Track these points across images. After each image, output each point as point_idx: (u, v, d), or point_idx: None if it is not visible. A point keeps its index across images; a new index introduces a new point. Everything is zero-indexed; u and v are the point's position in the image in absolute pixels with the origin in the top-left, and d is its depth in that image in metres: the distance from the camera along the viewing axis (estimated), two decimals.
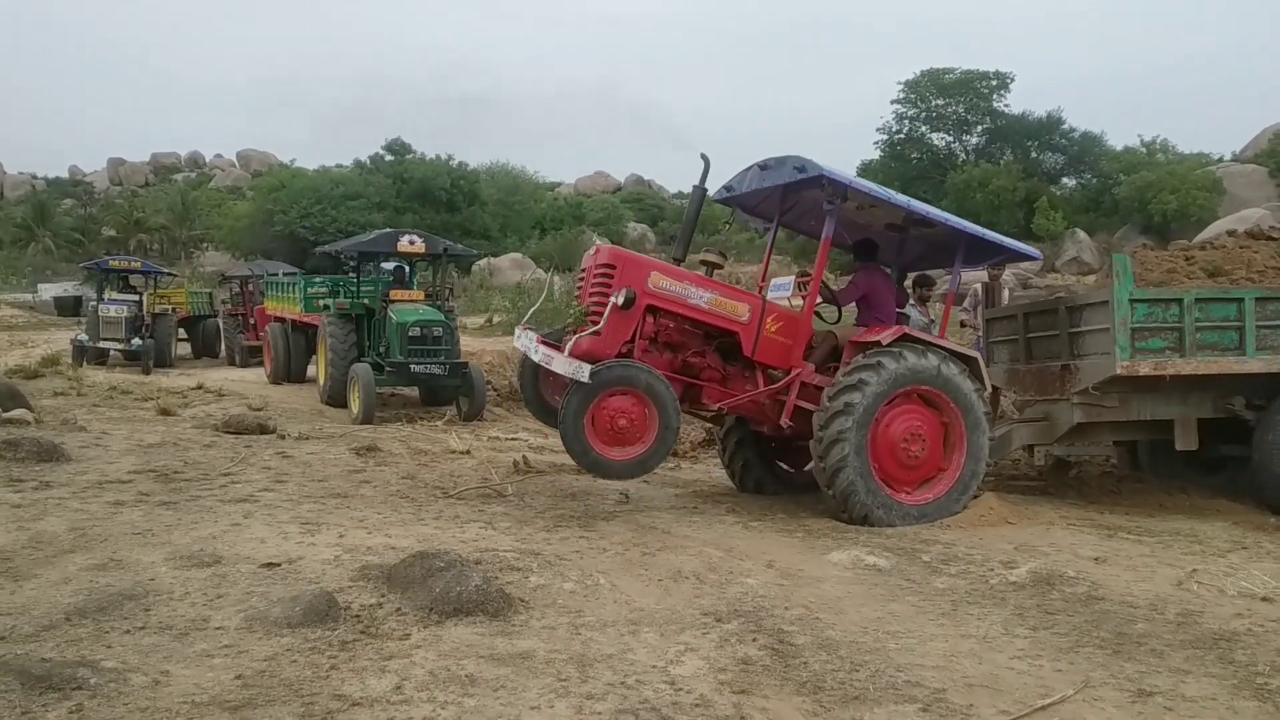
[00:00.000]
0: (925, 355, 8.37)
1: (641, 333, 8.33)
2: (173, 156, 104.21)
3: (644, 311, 8.28)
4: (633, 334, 8.23)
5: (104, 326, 22.33)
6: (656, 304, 8.35)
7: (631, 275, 8.22)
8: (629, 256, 8.65)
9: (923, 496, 8.40)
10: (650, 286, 8.27)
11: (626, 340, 8.16)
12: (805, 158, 8.43)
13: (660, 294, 8.33)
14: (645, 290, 8.22)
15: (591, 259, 8.63)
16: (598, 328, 8.04)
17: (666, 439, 7.90)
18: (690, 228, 9.27)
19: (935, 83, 55.84)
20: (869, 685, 4.45)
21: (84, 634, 4.69)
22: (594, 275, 8.39)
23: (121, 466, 9.12)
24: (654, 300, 8.31)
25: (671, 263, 9.23)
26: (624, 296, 8.01)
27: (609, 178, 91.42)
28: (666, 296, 8.36)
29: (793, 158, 8.58)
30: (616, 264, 8.31)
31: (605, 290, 8.17)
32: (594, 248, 8.88)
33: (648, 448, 7.83)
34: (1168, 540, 7.87)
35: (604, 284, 8.23)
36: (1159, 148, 51.94)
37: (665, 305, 8.39)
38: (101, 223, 70.04)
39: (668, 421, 7.84)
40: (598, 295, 8.25)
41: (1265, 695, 4.49)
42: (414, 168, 57.54)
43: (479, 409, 14.73)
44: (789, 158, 8.64)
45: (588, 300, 8.34)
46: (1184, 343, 8.92)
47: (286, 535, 6.75)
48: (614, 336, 8.08)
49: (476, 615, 5.10)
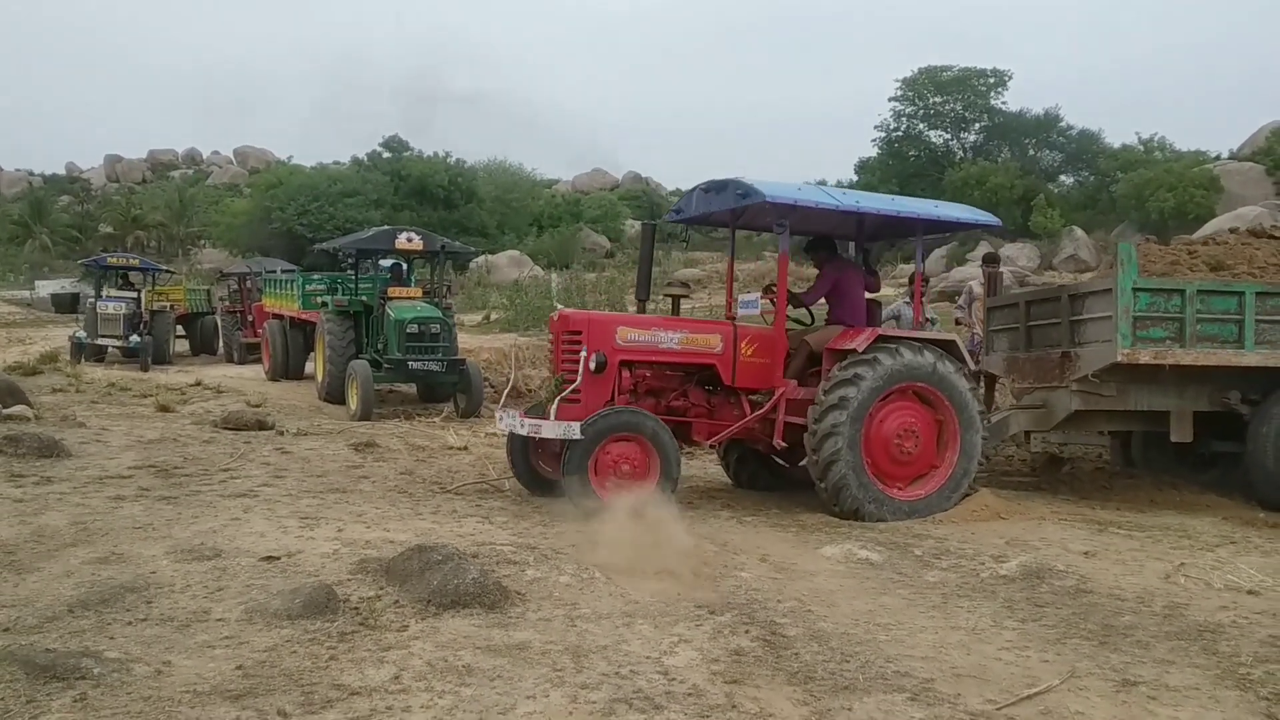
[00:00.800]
0: (922, 352, 8.45)
1: (620, 388, 8.37)
2: (170, 153, 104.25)
3: (619, 367, 8.34)
4: (611, 393, 8.28)
5: (102, 324, 22.38)
6: (629, 358, 8.41)
7: (598, 337, 8.26)
8: (592, 318, 8.70)
9: (915, 492, 8.48)
10: (619, 342, 8.34)
11: (606, 401, 8.19)
12: (747, 182, 8.48)
13: (631, 347, 8.40)
14: (615, 348, 8.29)
15: (557, 325, 8.66)
16: (576, 395, 8.09)
17: (666, 489, 7.89)
18: (647, 266, 9.33)
19: (933, 80, 55.99)
20: (859, 675, 4.53)
21: (87, 625, 4.77)
22: (563, 343, 8.46)
23: (122, 462, 9.19)
24: (626, 355, 8.38)
25: (636, 305, 9.30)
26: (595, 362, 8.07)
27: (607, 175, 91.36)
28: (638, 348, 8.43)
29: (734, 182, 8.65)
30: (582, 328, 8.35)
31: (575, 355, 8.20)
32: (557, 313, 8.88)
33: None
34: (1157, 535, 7.97)
35: (573, 349, 8.28)
36: (1156, 145, 52.09)
37: (638, 357, 8.46)
38: (99, 220, 70.08)
39: (669, 472, 7.91)
40: (570, 362, 8.30)
41: (1247, 685, 4.58)
42: (411, 165, 57.59)
43: (476, 405, 14.81)
44: (730, 182, 8.71)
45: (561, 368, 8.41)
46: (1184, 333, 9.02)
47: (286, 529, 6.82)
48: (593, 400, 8.12)
49: (473, 607, 5.17)
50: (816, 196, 8.67)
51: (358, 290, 16.75)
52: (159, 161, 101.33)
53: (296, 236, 50.72)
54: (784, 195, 8.32)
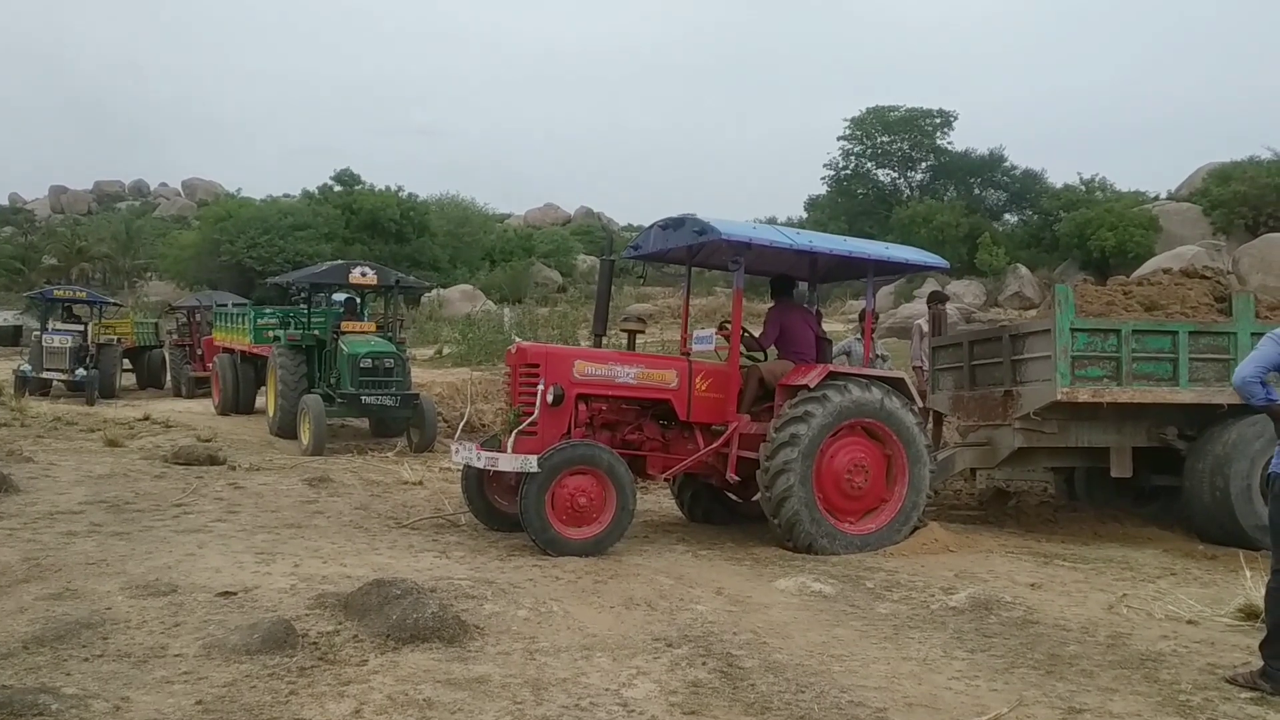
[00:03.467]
0: (869, 389, 8.62)
1: (576, 421, 8.47)
2: (116, 185, 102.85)
3: (575, 401, 8.44)
4: (568, 426, 8.37)
5: (48, 357, 22.03)
6: (586, 391, 8.51)
7: (556, 370, 8.36)
8: (550, 352, 8.79)
9: (866, 526, 8.62)
10: (576, 376, 8.44)
11: (563, 434, 8.28)
12: (703, 220, 8.66)
13: (588, 381, 8.50)
14: (572, 381, 8.38)
15: (515, 358, 8.73)
16: (533, 428, 8.16)
17: (622, 520, 8.00)
18: (605, 301, 9.45)
19: (881, 120, 56.81)
20: (814, 705, 4.63)
21: (43, 662, 4.74)
22: (520, 376, 8.52)
23: (72, 497, 9.10)
24: (583, 389, 8.48)
25: (593, 339, 9.43)
26: (553, 394, 8.16)
27: (559, 210, 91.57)
28: (594, 382, 8.53)
29: (691, 220, 8.83)
30: (539, 361, 8.44)
31: (533, 389, 8.28)
32: (514, 346, 8.96)
33: (604, 528, 7.91)
34: (1101, 567, 8.17)
35: (530, 382, 8.36)
36: (1098, 186, 53.13)
37: (595, 390, 8.56)
38: (43, 251, 68.85)
39: (625, 503, 7.98)
40: (527, 394, 8.36)
41: (1187, 711, 4.74)
42: (363, 199, 57.30)
43: (430, 440, 14.78)
44: (687, 219, 8.90)
45: (518, 401, 8.46)
46: (1121, 372, 9.29)
47: (242, 565, 6.80)
48: (550, 433, 8.19)
49: (433, 641, 5.21)
50: (771, 235, 8.85)
51: (311, 324, 16.68)
52: (105, 193, 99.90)
53: (246, 269, 50.19)
54: (739, 233, 8.48)
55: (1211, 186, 46.25)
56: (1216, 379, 9.42)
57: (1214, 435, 9.44)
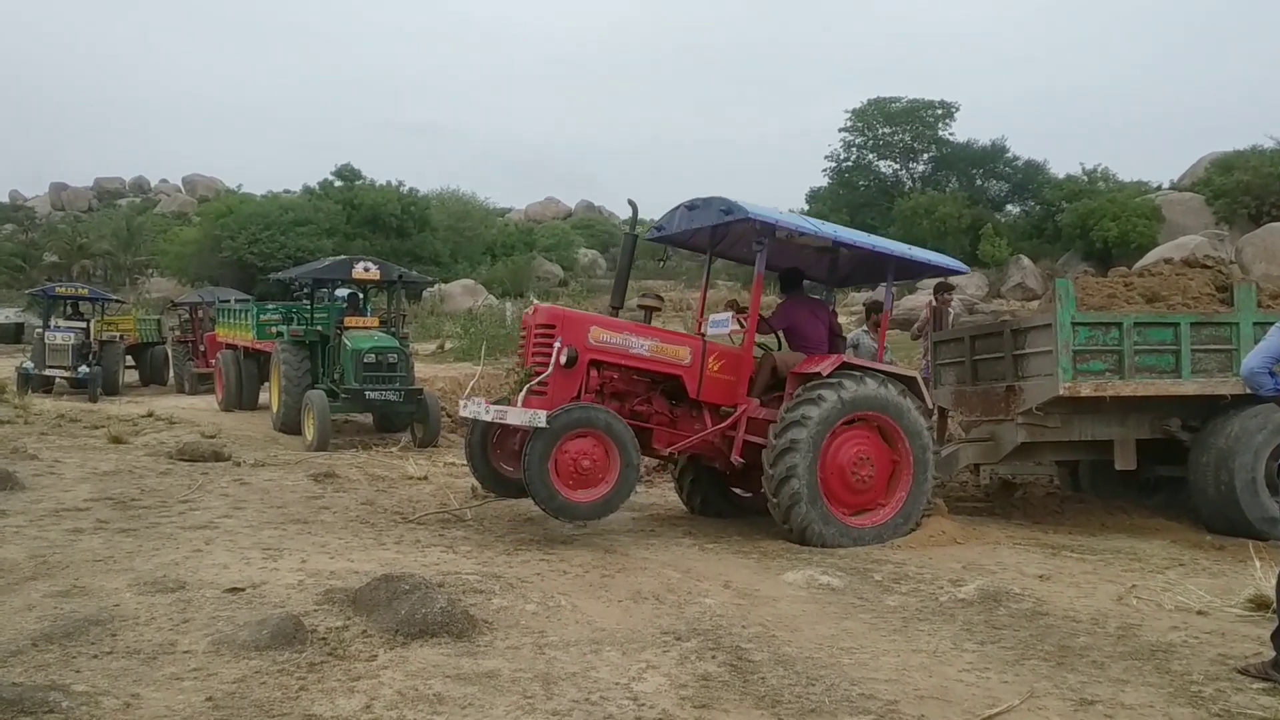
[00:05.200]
0: (881, 383, 8.60)
1: (587, 387, 8.46)
2: (117, 181, 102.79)
3: (587, 366, 8.43)
4: (578, 390, 8.36)
5: (50, 354, 22.05)
6: (599, 358, 8.50)
7: (571, 333, 8.35)
8: (567, 315, 8.78)
9: (867, 520, 8.60)
10: (591, 341, 8.43)
11: (573, 396, 8.27)
12: (730, 200, 8.63)
13: (602, 348, 8.49)
14: (586, 346, 8.38)
15: (531, 319, 8.73)
16: (544, 387, 8.16)
17: (629, 476, 8.01)
18: (624, 275, 9.44)
19: (882, 111, 56.69)
20: (825, 698, 4.62)
21: (52, 659, 4.73)
22: (535, 336, 8.51)
23: (77, 494, 9.09)
24: (596, 355, 8.47)
25: (610, 311, 9.43)
26: (566, 355, 8.16)
27: (560, 204, 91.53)
28: (608, 349, 8.52)
29: (718, 199, 8.80)
30: (555, 323, 8.43)
31: (547, 350, 8.27)
32: (532, 307, 8.96)
33: (611, 487, 7.92)
34: (1109, 558, 8.16)
35: (545, 343, 8.34)
36: (1100, 176, 53.00)
37: (608, 358, 8.55)
38: (44, 248, 68.89)
39: (629, 459, 7.97)
40: (540, 355, 8.35)
41: (1199, 702, 4.72)
42: (364, 194, 57.25)
43: (434, 435, 14.79)
44: (714, 199, 8.86)
45: (531, 361, 8.45)
46: (1123, 365, 9.26)
47: (249, 561, 6.79)
48: (560, 395, 8.19)
49: (442, 636, 5.20)
50: (797, 221, 8.84)
51: (314, 320, 16.66)
52: (105, 189, 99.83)
53: (247, 265, 50.14)
54: (766, 215, 8.49)
55: (1214, 176, 46.13)
56: (1219, 370, 9.40)
57: (1217, 427, 9.41)
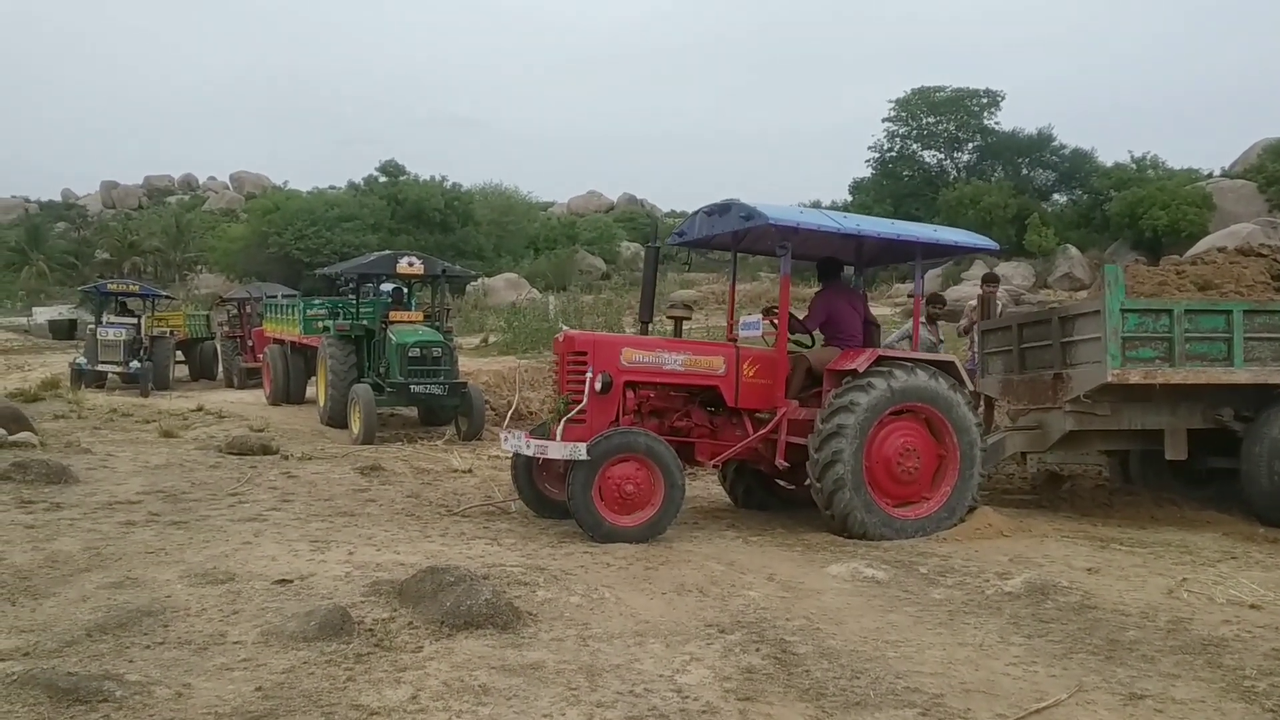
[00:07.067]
0: (917, 373, 8.53)
1: (624, 409, 8.46)
2: (166, 179, 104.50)
3: (623, 388, 8.42)
4: (616, 413, 8.35)
5: (102, 349, 22.39)
6: (634, 379, 8.49)
7: (604, 358, 8.34)
8: (598, 340, 8.79)
9: (918, 511, 8.54)
10: (624, 364, 8.41)
11: (611, 421, 8.27)
12: (749, 205, 8.56)
13: (635, 368, 8.47)
14: (620, 369, 8.37)
15: (562, 346, 8.73)
16: (581, 416, 8.17)
17: (674, 497, 7.96)
18: (651, 288, 9.42)
19: (926, 101, 56.31)
20: (869, 691, 4.60)
21: (105, 649, 4.82)
22: (568, 363, 8.52)
23: (129, 487, 9.25)
24: (630, 376, 8.45)
25: (639, 327, 9.42)
26: (601, 382, 8.16)
27: (602, 197, 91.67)
28: (642, 369, 8.50)
29: (737, 205, 8.74)
30: (588, 349, 8.43)
31: (581, 377, 8.27)
32: (562, 334, 8.97)
33: (658, 509, 7.90)
34: (1159, 551, 8.04)
35: (578, 370, 8.35)
36: (1149, 164, 52.30)
37: (642, 378, 8.54)
38: (95, 246, 70.13)
39: (672, 479, 7.95)
40: (574, 382, 8.36)
41: (1252, 697, 4.65)
42: (408, 189, 57.74)
43: (478, 428, 14.87)
44: (733, 204, 8.80)
45: (566, 388, 8.47)
46: (1174, 352, 9.11)
47: (297, 553, 6.88)
48: (598, 421, 8.18)
49: (487, 628, 5.23)
50: (818, 219, 8.78)
51: (359, 315, 16.81)
52: (155, 187, 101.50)
53: (293, 261, 50.81)
54: (786, 218, 8.42)
55: (1267, 163, 45.36)
56: (1274, 359, 9.23)
57: (1271, 418, 9.24)
